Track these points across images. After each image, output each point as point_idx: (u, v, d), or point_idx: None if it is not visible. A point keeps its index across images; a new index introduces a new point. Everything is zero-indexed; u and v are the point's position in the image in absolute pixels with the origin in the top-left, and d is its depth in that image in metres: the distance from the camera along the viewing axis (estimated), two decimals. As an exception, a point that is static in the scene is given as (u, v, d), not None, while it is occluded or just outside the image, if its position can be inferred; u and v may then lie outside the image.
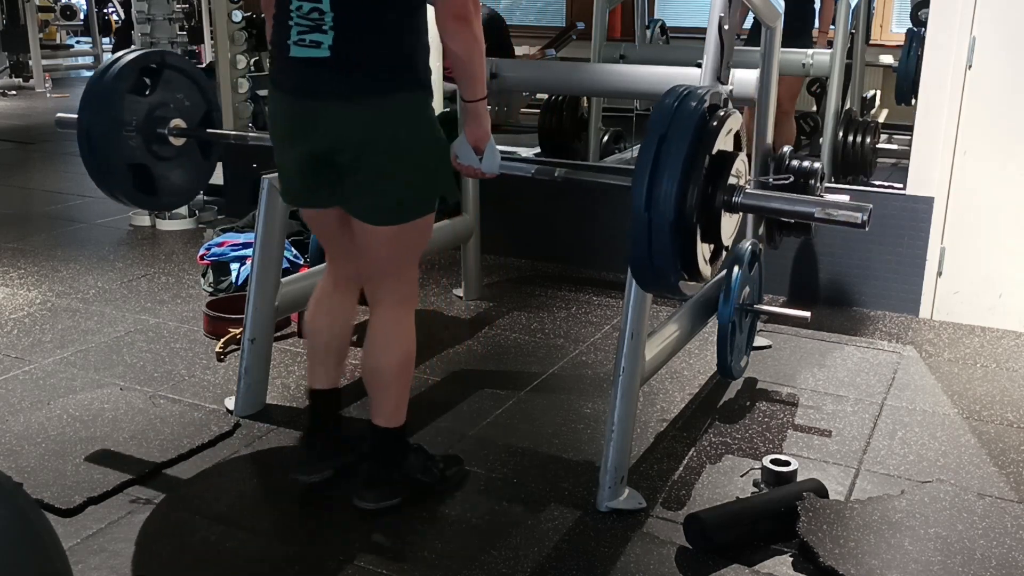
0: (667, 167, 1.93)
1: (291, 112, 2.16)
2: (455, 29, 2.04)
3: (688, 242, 1.97)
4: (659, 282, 2.09)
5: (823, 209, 2.09)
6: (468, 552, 2.19)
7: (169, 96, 2.75)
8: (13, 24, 12.13)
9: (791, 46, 4.64)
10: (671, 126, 1.96)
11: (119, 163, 2.62)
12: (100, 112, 2.57)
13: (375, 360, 2.28)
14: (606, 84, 3.84)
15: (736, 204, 2.05)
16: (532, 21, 10.11)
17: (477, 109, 2.19)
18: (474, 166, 2.28)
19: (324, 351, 2.42)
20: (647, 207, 1.93)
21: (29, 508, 1.25)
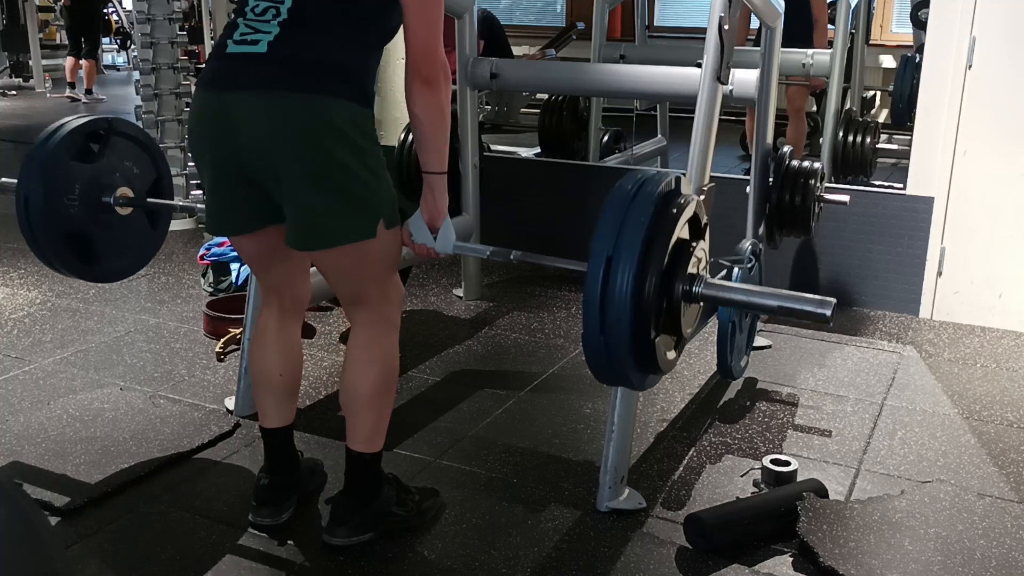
0: (624, 258, 1.85)
1: (209, 108, 1.97)
2: (420, 92, 1.92)
3: (645, 335, 1.88)
4: (616, 377, 2.00)
5: (787, 302, 2.01)
6: (468, 552, 2.19)
7: (116, 163, 2.63)
8: (13, 24, 12.14)
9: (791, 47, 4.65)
10: (628, 214, 1.88)
11: (57, 232, 2.51)
12: (39, 179, 2.46)
13: (350, 383, 2.13)
14: (606, 84, 3.84)
15: (696, 295, 1.96)
16: (532, 21, 10.12)
17: (435, 182, 2.04)
18: (428, 244, 2.09)
19: (279, 392, 2.25)
20: (602, 300, 1.85)
21: (29, 508, 1.25)
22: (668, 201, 1.93)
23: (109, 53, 15.10)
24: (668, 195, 1.93)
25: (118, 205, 2.62)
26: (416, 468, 2.55)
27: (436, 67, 1.92)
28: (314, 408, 2.91)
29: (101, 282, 2.72)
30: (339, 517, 2.19)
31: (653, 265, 1.86)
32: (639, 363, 1.93)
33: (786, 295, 2.05)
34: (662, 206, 1.91)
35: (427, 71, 1.92)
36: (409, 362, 3.26)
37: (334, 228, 1.97)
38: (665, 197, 1.92)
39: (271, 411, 2.27)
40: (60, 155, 2.50)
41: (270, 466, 2.30)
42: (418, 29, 1.93)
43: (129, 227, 2.69)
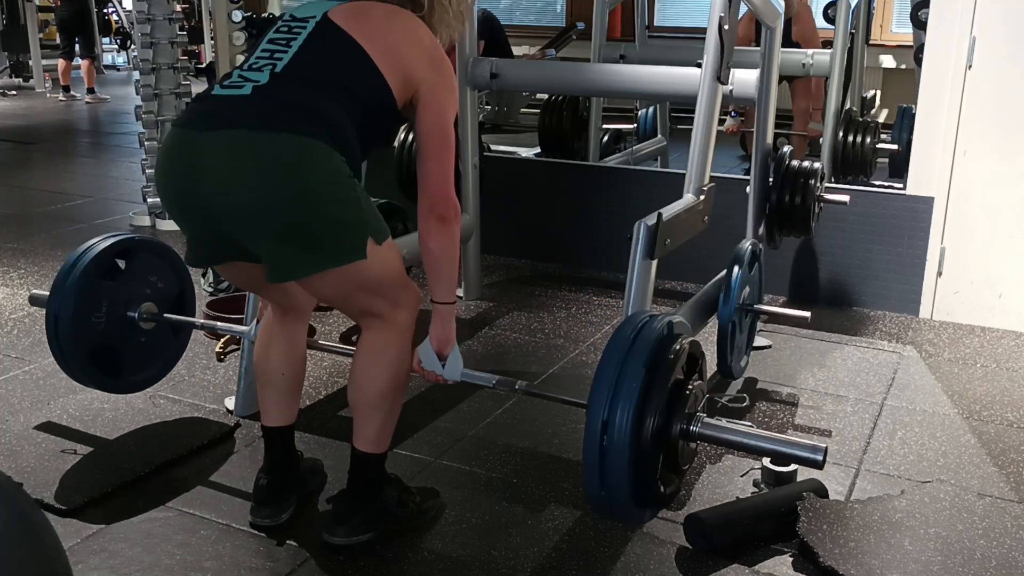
0: (624, 395, 1.92)
1: (175, 148, 1.94)
2: (435, 229, 2.01)
3: (644, 475, 1.96)
4: (614, 511, 2.09)
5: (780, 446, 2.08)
6: (468, 552, 2.19)
7: (141, 279, 2.72)
8: (13, 24, 12.15)
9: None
10: (628, 358, 1.96)
11: (84, 349, 2.61)
12: (70, 300, 2.56)
13: (362, 384, 2.13)
14: (606, 84, 3.84)
15: (693, 434, 2.04)
16: (532, 21, 10.12)
17: (445, 312, 2.10)
18: (436, 371, 2.16)
19: (281, 391, 2.27)
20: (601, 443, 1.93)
21: (29, 508, 1.25)
22: (663, 347, 2.01)
23: (109, 53, 15.10)
24: (663, 341, 2.01)
25: (142, 320, 2.71)
26: (416, 468, 2.55)
27: (450, 207, 2.02)
28: (314, 408, 2.91)
29: (124, 393, 2.84)
30: (340, 516, 2.18)
31: (650, 413, 1.95)
32: (640, 503, 2.02)
33: (780, 439, 2.14)
34: (658, 352, 1.99)
35: (442, 210, 2.01)
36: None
37: (311, 259, 1.92)
38: (660, 343, 2.00)
39: (273, 409, 2.28)
40: (89, 275, 2.60)
41: (270, 466, 2.30)
42: (435, 175, 2.02)
43: (152, 339, 2.79)
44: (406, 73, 1.98)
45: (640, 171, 5.04)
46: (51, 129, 8.88)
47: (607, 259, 4.28)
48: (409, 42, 2.00)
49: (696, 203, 2.77)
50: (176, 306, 2.83)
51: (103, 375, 2.69)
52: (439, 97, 2.02)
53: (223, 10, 4.75)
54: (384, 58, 1.97)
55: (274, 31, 2.05)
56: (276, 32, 2.04)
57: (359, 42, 1.96)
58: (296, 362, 2.30)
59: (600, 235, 4.30)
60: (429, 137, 2.02)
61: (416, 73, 1.99)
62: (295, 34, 2.01)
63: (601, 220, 4.30)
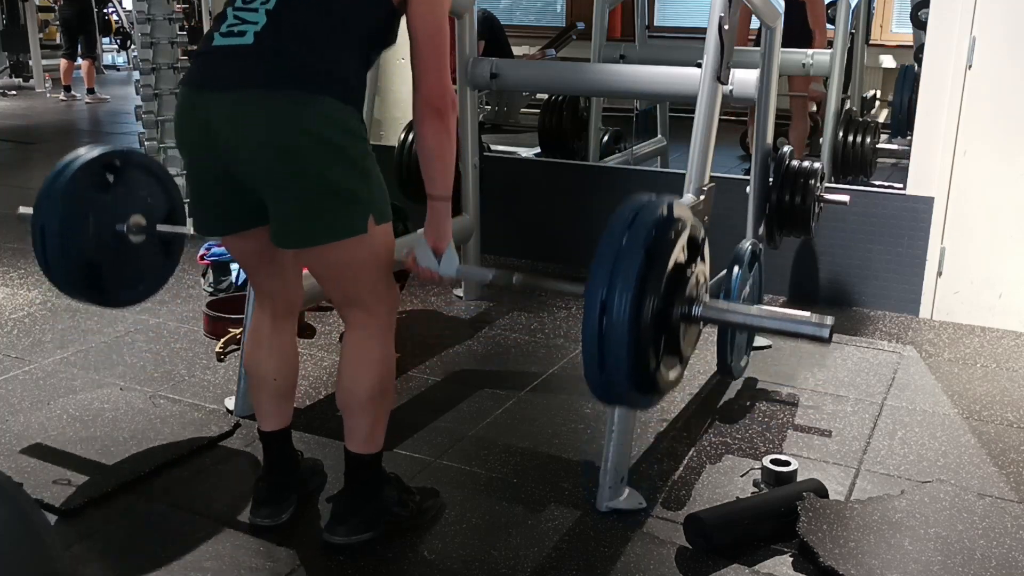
0: (623, 276, 1.87)
1: (191, 110, 1.96)
2: (430, 121, 1.97)
3: (645, 361, 1.90)
4: (618, 400, 2.02)
5: (785, 323, 2.02)
6: (468, 552, 2.19)
7: (130, 193, 2.65)
8: (13, 24, 12.15)
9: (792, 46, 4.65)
10: (627, 238, 1.91)
11: (71, 261, 2.54)
12: (56, 210, 2.50)
13: (348, 385, 2.13)
14: (606, 84, 3.83)
15: (695, 316, 1.98)
16: (532, 21, 10.12)
17: (440, 207, 2.06)
18: (431, 268, 2.11)
19: (275, 394, 2.25)
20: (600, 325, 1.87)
21: (29, 508, 1.25)
22: (664, 228, 1.94)
23: (109, 53, 15.10)
24: (663, 222, 1.95)
25: (131, 233, 2.65)
26: (416, 468, 2.55)
27: (446, 99, 1.97)
28: (314, 408, 2.91)
29: (113, 307, 2.75)
30: (339, 516, 2.19)
31: (650, 293, 1.88)
32: (640, 387, 1.95)
33: (784, 315, 2.06)
34: (657, 234, 1.92)
35: (438, 103, 1.96)
36: (409, 362, 3.26)
37: (318, 226, 1.94)
38: (660, 224, 1.94)
39: (268, 414, 2.27)
40: (76, 185, 2.53)
41: (270, 466, 2.30)
42: (431, 68, 1.97)
43: (142, 256, 2.72)
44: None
45: (640, 171, 5.04)
46: (51, 129, 8.88)
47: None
48: None
49: (696, 203, 2.76)
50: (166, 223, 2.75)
51: (90, 289, 2.61)
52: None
53: (223, 10, 4.75)
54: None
55: None
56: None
57: None
58: (289, 364, 2.28)
59: (600, 235, 4.29)
60: (423, 30, 1.96)
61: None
62: None
63: (601, 220, 4.25)
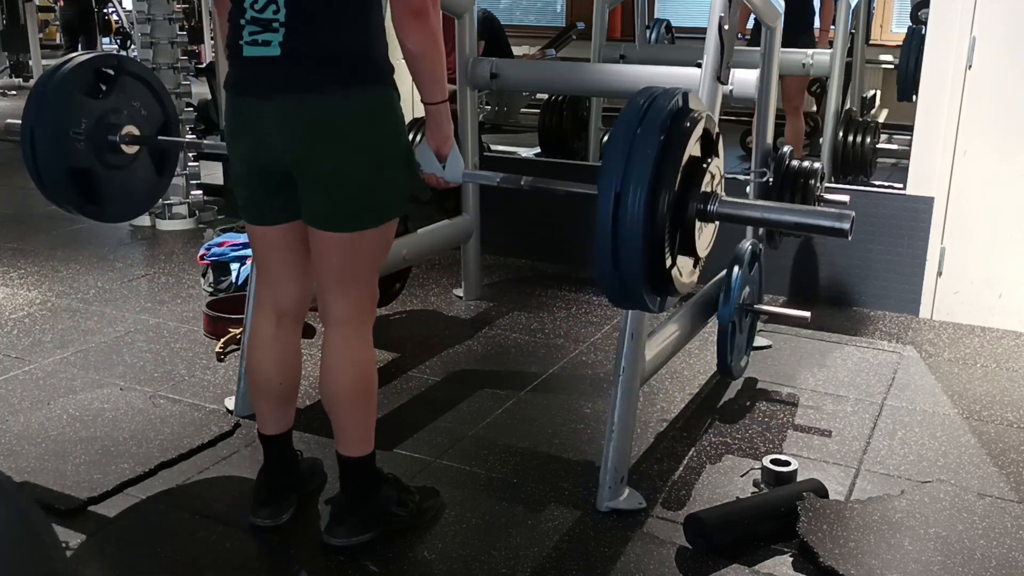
0: (635, 174, 1.78)
1: (238, 114, 2.04)
2: (411, 26, 1.92)
3: (659, 255, 1.82)
4: (628, 295, 1.92)
5: (804, 217, 1.96)
6: (468, 552, 2.19)
7: (125, 103, 2.58)
8: (13, 24, 12.14)
9: (792, 46, 4.65)
10: (640, 129, 1.80)
11: (62, 168, 2.47)
12: (46, 112, 2.42)
13: (330, 385, 2.12)
14: (606, 84, 3.83)
15: (711, 213, 1.89)
16: (532, 21, 10.12)
17: (438, 111, 2.06)
18: (437, 173, 2.14)
19: (277, 400, 2.24)
20: (614, 217, 1.80)
21: (29, 508, 1.25)
22: (678, 118, 1.84)
23: (109, 53, 15.09)
24: (678, 112, 1.84)
25: (124, 143, 2.59)
26: (416, 468, 2.55)
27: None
28: (314, 408, 2.91)
29: (103, 221, 2.74)
30: (339, 517, 2.19)
31: (665, 185, 1.78)
32: (655, 286, 1.87)
33: (803, 210, 2.00)
34: (672, 124, 1.82)
35: (416, 3, 1.91)
36: (409, 362, 3.26)
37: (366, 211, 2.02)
38: (675, 114, 1.83)
39: (269, 418, 2.26)
40: (68, 88, 2.45)
41: (269, 467, 2.30)
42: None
43: (135, 169, 2.67)
44: None
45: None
46: (51, 129, 8.86)
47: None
48: None
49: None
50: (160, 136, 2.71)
51: (81, 199, 2.56)
52: None
53: (223, 10, 4.75)
54: None
55: None
56: None
57: None
58: (292, 370, 2.27)
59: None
60: None
61: None
62: None
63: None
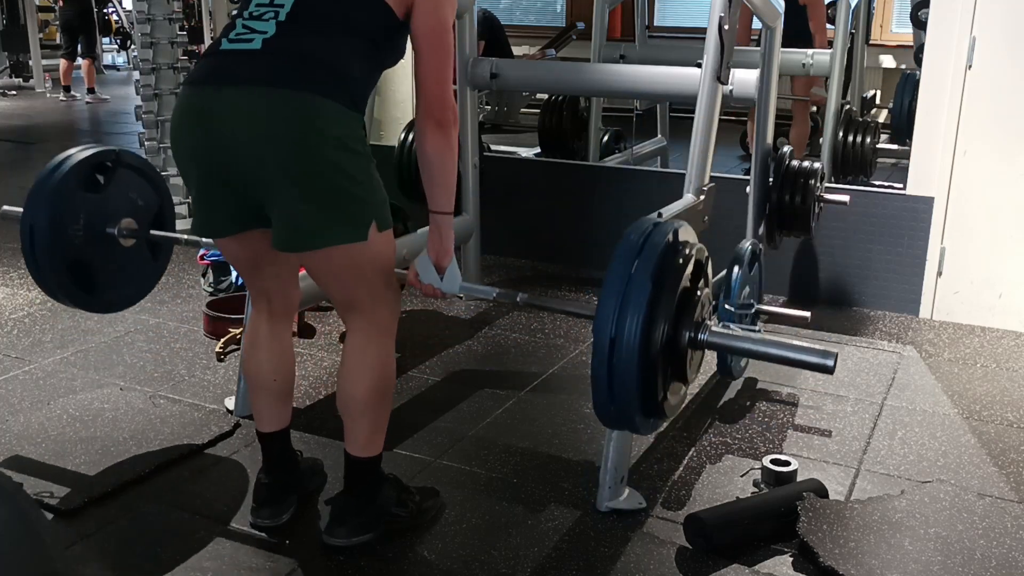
0: (632, 307, 1.88)
1: (190, 106, 1.94)
2: (432, 133, 1.97)
3: (652, 389, 1.93)
4: (622, 422, 2.05)
5: (790, 352, 2.02)
6: (468, 552, 2.19)
7: (121, 195, 2.63)
8: (13, 24, 12.15)
9: (792, 46, 4.65)
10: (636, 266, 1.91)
11: (61, 262, 2.52)
12: (46, 209, 2.47)
13: (347, 388, 2.12)
14: (606, 84, 3.84)
15: (701, 342, 1.99)
16: (532, 21, 10.12)
17: (443, 222, 2.06)
18: (434, 284, 2.11)
19: (274, 396, 2.24)
20: (610, 359, 1.89)
21: (29, 508, 1.25)
22: (671, 256, 1.95)
23: (109, 53, 15.10)
24: (670, 248, 1.96)
25: (121, 236, 2.64)
26: (416, 468, 2.55)
27: (447, 111, 1.97)
28: (314, 408, 2.91)
29: (101, 312, 2.76)
30: (339, 517, 2.18)
31: (659, 325, 1.90)
32: (646, 411, 1.97)
33: (790, 345, 2.07)
34: (665, 262, 1.93)
35: (439, 115, 1.96)
36: (409, 362, 3.26)
37: (322, 229, 1.93)
38: (667, 252, 1.95)
39: (267, 415, 2.27)
40: (67, 185, 2.51)
41: (269, 467, 2.30)
42: (431, 76, 1.97)
43: (131, 258, 2.71)
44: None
45: (640, 171, 5.04)
46: (51, 129, 8.88)
47: (607, 259, 4.25)
48: None
49: (696, 203, 2.76)
50: (156, 226, 2.73)
51: (79, 291, 2.59)
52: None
53: (223, 10, 4.75)
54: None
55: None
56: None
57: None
58: (286, 365, 2.28)
59: (600, 235, 4.30)
60: (425, 36, 1.96)
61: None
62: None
63: (601, 220, 4.30)
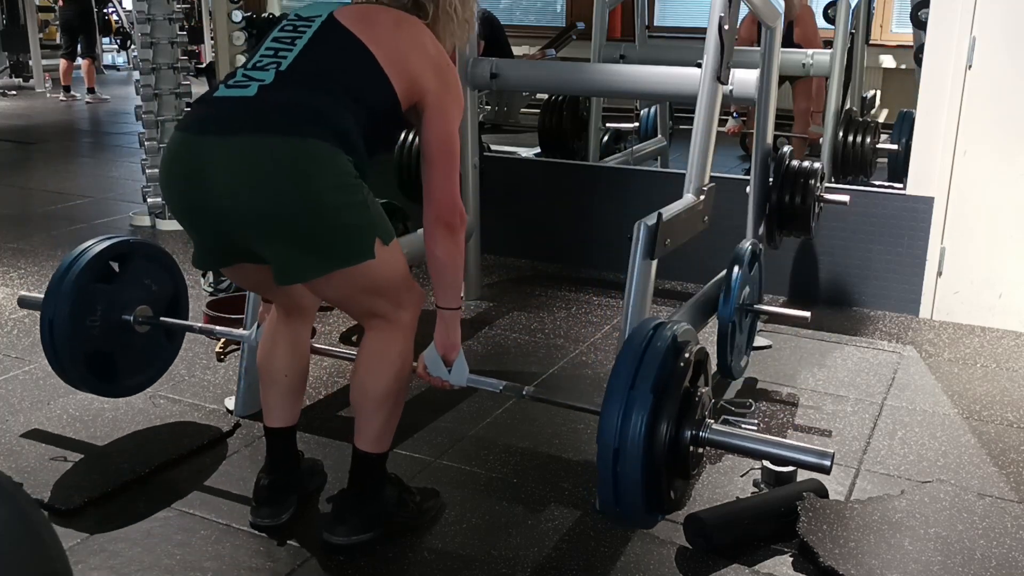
0: (635, 416, 1.92)
1: (180, 155, 1.92)
2: (442, 236, 2.02)
3: (656, 488, 1.97)
4: (628, 522, 2.14)
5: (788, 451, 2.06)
6: (468, 552, 2.19)
7: (136, 282, 2.70)
8: (13, 24, 12.15)
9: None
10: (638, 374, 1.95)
11: (79, 353, 2.58)
12: (64, 305, 2.53)
13: (362, 384, 2.13)
14: (606, 84, 3.83)
15: (702, 440, 2.04)
16: (532, 21, 10.12)
17: (451, 317, 2.12)
18: (443, 377, 2.17)
19: (284, 391, 2.26)
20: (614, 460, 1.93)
21: (29, 508, 1.25)
22: (673, 362, 2.00)
23: (109, 53, 15.09)
24: (672, 354, 2.01)
25: (137, 324, 2.70)
26: (416, 468, 2.55)
27: (456, 215, 2.02)
28: (315, 408, 2.91)
29: (120, 397, 2.83)
30: (340, 516, 2.19)
31: (661, 429, 1.95)
32: (651, 510, 2.03)
33: (787, 445, 2.12)
34: (668, 370, 1.98)
35: (449, 218, 2.02)
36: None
37: (315, 260, 1.92)
38: (669, 358, 1.99)
39: (276, 410, 2.27)
40: (84, 279, 2.57)
41: (271, 466, 2.30)
42: (440, 181, 2.02)
43: (147, 342, 2.77)
44: (411, 79, 1.97)
45: (640, 171, 5.04)
46: (51, 129, 8.88)
47: (607, 259, 4.28)
48: (415, 49, 1.99)
49: (696, 203, 2.76)
50: (171, 309, 2.82)
51: (98, 380, 2.67)
52: (445, 106, 2.02)
53: (223, 10, 4.75)
54: (390, 63, 1.95)
55: (279, 29, 2.04)
56: (281, 31, 2.03)
57: (366, 44, 1.95)
58: (300, 363, 2.29)
59: (600, 235, 4.30)
60: (435, 146, 2.01)
61: (422, 82, 1.98)
62: (300, 32, 2.00)
63: (601, 220, 4.30)
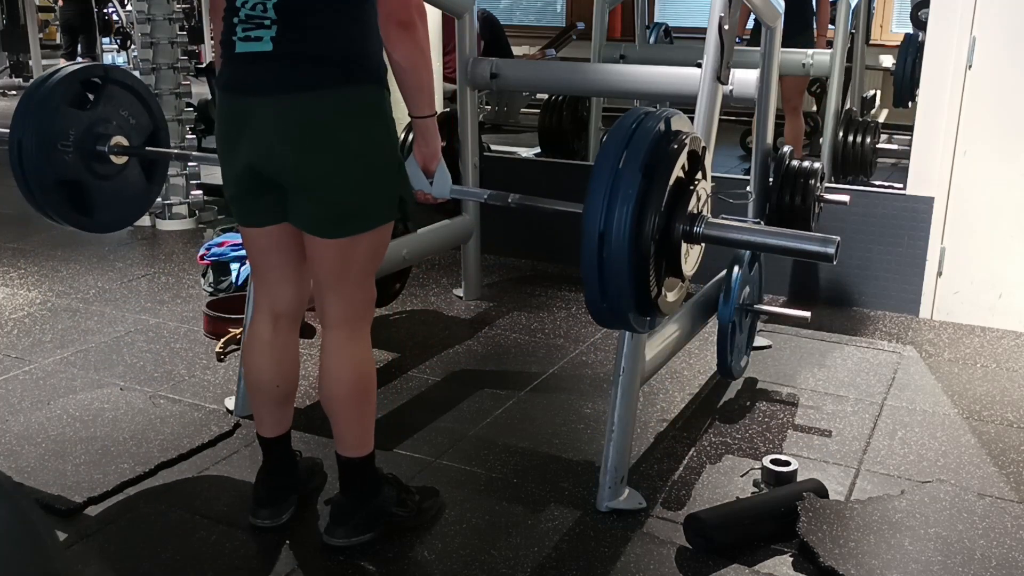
0: (621, 197, 1.78)
1: (230, 113, 1.99)
2: (397, 37, 1.89)
3: (645, 283, 1.83)
4: (615, 321, 1.97)
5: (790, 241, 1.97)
6: (468, 552, 2.19)
7: (112, 113, 2.58)
8: (13, 24, 12.15)
9: (791, 45, 4.65)
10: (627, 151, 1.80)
11: (50, 180, 2.46)
12: (33, 124, 2.41)
13: (328, 387, 2.10)
14: (606, 84, 3.83)
15: (697, 235, 1.91)
16: (532, 21, 10.12)
17: (425, 126, 2.03)
18: (424, 190, 2.11)
19: (275, 402, 2.22)
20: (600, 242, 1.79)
21: (29, 508, 1.25)
22: (663, 143, 1.84)
23: (109, 53, 15.09)
24: (665, 133, 1.85)
25: (112, 154, 2.58)
26: (416, 468, 2.55)
27: (410, 8, 1.88)
28: (314, 408, 2.91)
29: (94, 232, 2.72)
30: (338, 517, 2.18)
31: (650, 215, 1.79)
32: (640, 308, 1.89)
33: (789, 234, 2.00)
34: (656, 150, 1.82)
35: (403, 14, 1.87)
36: (409, 362, 3.26)
37: (357, 217, 1.97)
38: (659, 139, 1.84)
39: (268, 420, 2.26)
40: (54, 100, 2.44)
41: (269, 468, 2.30)
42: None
43: (125, 178, 2.65)
44: None
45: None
46: (51, 129, 8.86)
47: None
48: None
49: (696, 203, 2.76)
50: (150, 145, 2.70)
51: (71, 211, 2.55)
52: None
53: (223, 10, 4.74)
54: None
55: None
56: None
57: None
58: (290, 372, 2.25)
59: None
60: None
61: None
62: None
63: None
